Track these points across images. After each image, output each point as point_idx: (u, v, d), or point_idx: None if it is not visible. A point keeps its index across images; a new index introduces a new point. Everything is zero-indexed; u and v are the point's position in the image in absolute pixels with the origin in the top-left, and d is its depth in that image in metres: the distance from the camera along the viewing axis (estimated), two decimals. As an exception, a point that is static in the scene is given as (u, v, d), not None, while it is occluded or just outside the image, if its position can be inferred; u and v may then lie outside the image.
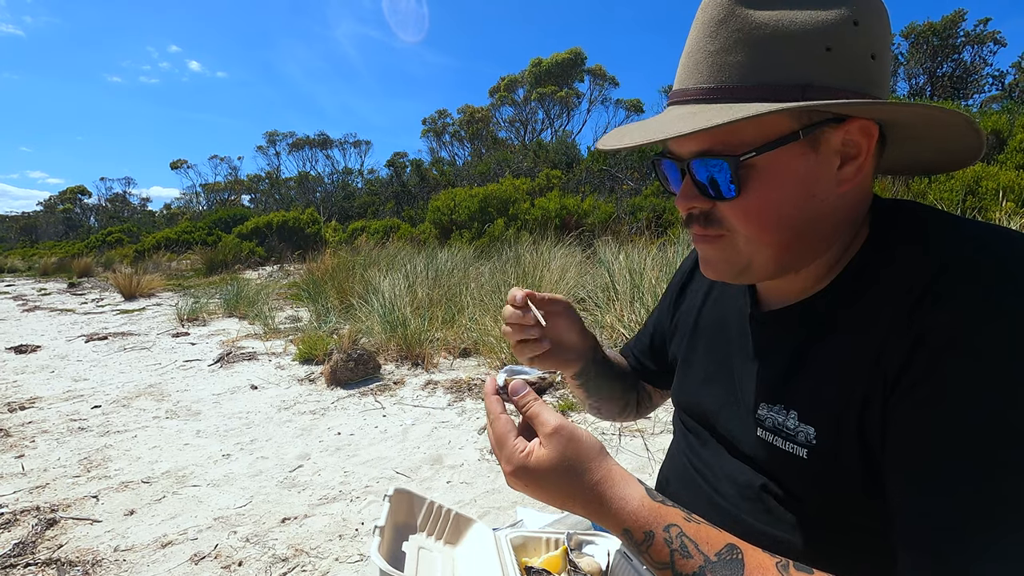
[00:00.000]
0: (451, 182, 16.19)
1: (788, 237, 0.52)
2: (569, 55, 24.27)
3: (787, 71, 0.47)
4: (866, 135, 0.49)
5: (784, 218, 0.51)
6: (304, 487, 2.19)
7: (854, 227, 0.54)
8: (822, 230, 0.52)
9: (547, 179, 12.10)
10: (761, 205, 0.50)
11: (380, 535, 0.62)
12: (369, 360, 3.61)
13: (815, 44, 0.47)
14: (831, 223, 0.52)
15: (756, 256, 0.53)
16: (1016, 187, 5.63)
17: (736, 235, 0.53)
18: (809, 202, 0.50)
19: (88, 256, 17.56)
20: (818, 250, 0.54)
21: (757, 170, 0.49)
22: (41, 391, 3.65)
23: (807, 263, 0.54)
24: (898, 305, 0.46)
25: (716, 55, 0.49)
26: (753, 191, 0.50)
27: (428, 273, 5.44)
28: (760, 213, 0.51)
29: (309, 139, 32.99)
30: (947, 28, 13.72)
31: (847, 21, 0.47)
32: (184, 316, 6.23)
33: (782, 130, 0.48)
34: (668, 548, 0.45)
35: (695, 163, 0.51)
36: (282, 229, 15.20)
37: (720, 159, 0.49)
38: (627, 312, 3.79)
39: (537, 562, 0.70)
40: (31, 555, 1.76)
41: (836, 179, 0.51)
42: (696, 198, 0.53)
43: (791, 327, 0.57)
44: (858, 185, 0.52)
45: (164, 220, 35.03)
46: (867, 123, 0.49)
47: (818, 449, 0.50)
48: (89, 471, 2.39)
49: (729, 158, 0.48)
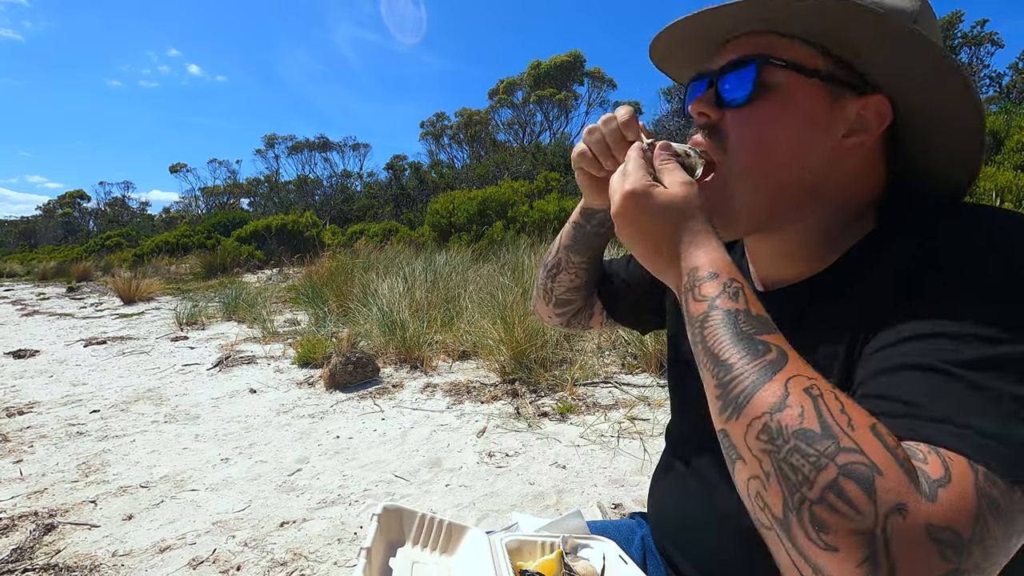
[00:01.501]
0: (450, 185, 16.20)
1: (773, 180, 0.54)
2: (568, 58, 24.31)
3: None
4: (879, 116, 0.52)
5: (777, 150, 0.53)
6: (303, 491, 2.19)
7: (853, 213, 0.55)
8: (803, 188, 0.54)
9: (546, 181, 12.12)
10: (764, 120, 0.53)
11: (367, 557, 0.60)
12: (368, 363, 3.61)
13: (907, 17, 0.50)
14: (814, 185, 0.54)
15: (742, 194, 0.55)
16: (1014, 188, 5.64)
17: (729, 166, 0.55)
18: (805, 150, 0.52)
19: (87, 260, 17.56)
20: (797, 214, 0.55)
21: (776, 88, 0.52)
22: (40, 396, 3.64)
23: (783, 222, 0.56)
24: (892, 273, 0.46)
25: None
26: (764, 104, 0.53)
27: (427, 276, 5.44)
28: (760, 130, 0.53)
29: (308, 142, 33.03)
30: (944, 29, 13.77)
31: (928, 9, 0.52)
32: (183, 320, 6.22)
33: (815, 64, 0.51)
34: (722, 288, 0.45)
35: (725, 72, 0.55)
36: (281, 232, 15.19)
37: (752, 59, 0.52)
38: (626, 314, 3.79)
39: (532, 566, 0.70)
40: (29, 560, 1.75)
41: (837, 146, 0.52)
42: (710, 106, 0.56)
43: (784, 306, 0.57)
44: (855, 165, 0.53)
45: (163, 224, 35.01)
46: (884, 104, 0.51)
47: None
48: (87, 476, 2.38)
49: (760, 57, 0.52)
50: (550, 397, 3.09)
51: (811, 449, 0.35)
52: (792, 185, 0.53)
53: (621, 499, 2.02)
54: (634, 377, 3.35)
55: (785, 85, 0.52)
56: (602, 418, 2.76)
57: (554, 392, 3.16)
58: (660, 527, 0.74)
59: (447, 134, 27.06)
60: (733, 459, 0.40)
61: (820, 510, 0.33)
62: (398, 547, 0.69)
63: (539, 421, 2.78)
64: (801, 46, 0.52)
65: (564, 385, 3.19)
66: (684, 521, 0.67)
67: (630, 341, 3.57)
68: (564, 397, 3.06)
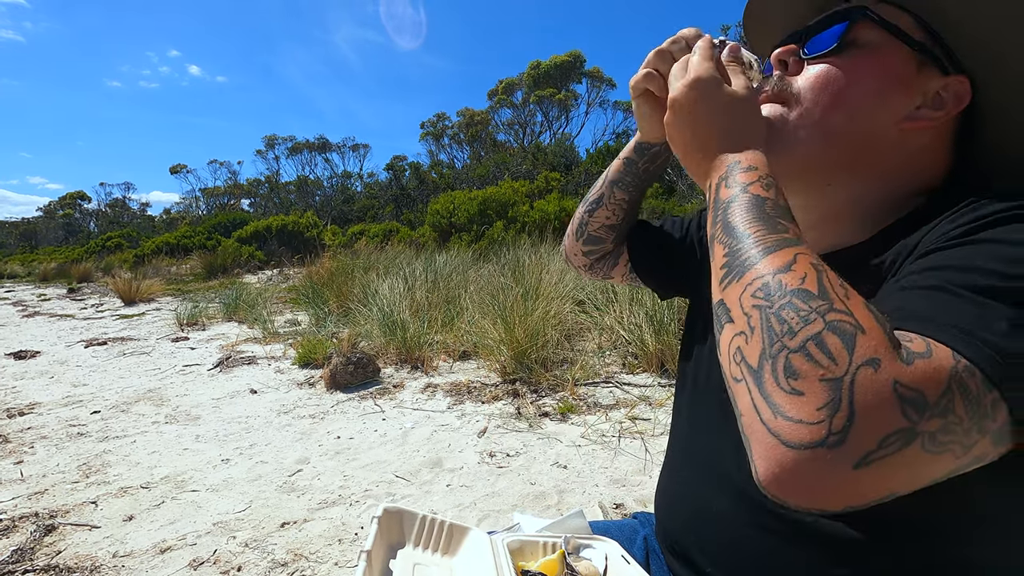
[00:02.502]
0: (450, 185, 16.20)
1: (836, 132, 0.53)
2: (567, 58, 24.32)
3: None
4: (957, 99, 0.51)
5: (848, 105, 0.52)
6: (303, 491, 2.19)
7: (903, 191, 0.54)
8: (862, 146, 0.53)
9: (546, 181, 12.12)
10: (840, 77, 0.52)
11: (367, 560, 0.59)
12: (368, 364, 3.61)
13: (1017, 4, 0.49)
14: (874, 151, 0.53)
15: (800, 137, 0.54)
16: (1014, 187, 5.64)
17: (795, 112, 0.55)
18: (876, 105, 0.52)
19: (88, 261, 17.56)
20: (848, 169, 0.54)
21: (862, 45, 0.52)
22: (40, 397, 3.64)
23: (833, 177, 0.55)
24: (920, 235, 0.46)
25: None
26: (845, 58, 0.53)
27: (427, 276, 5.44)
28: (834, 86, 0.53)
29: (308, 143, 33.04)
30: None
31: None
32: (183, 321, 6.22)
33: (911, 31, 0.51)
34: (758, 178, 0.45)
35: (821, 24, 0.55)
36: (281, 233, 15.19)
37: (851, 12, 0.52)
38: (626, 314, 3.79)
39: (534, 566, 0.69)
40: (29, 561, 1.75)
41: (908, 112, 0.51)
42: (791, 54, 0.57)
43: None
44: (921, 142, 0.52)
45: (164, 225, 35.03)
46: (964, 85, 0.51)
47: None
48: (88, 477, 2.38)
49: (858, 9, 0.52)
50: (551, 397, 3.09)
51: (804, 305, 0.36)
52: (853, 137, 0.53)
53: (623, 499, 2.02)
54: (635, 377, 3.34)
55: (875, 44, 0.52)
56: (603, 418, 2.76)
57: (555, 392, 3.15)
58: (672, 520, 0.72)
59: (447, 134, 27.08)
60: (722, 324, 0.40)
61: (796, 358, 0.34)
62: (398, 549, 0.68)
63: (540, 421, 2.78)
64: (899, 11, 0.52)
65: (565, 385, 3.19)
66: (696, 504, 0.66)
67: (631, 341, 3.57)
68: (565, 397, 3.05)
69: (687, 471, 0.70)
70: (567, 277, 4.71)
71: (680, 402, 0.77)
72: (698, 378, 0.72)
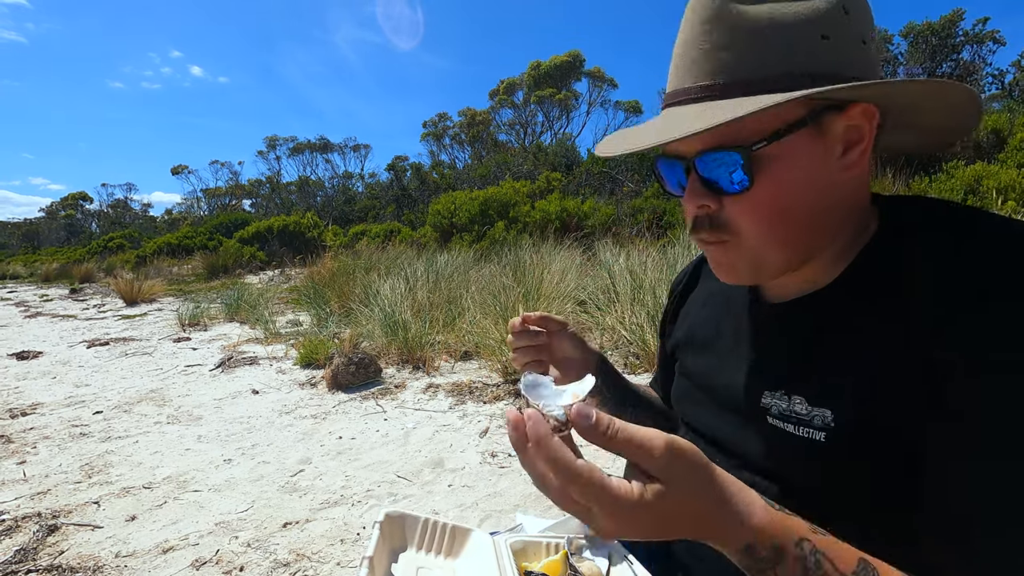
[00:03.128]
0: (451, 185, 16.21)
1: (797, 231, 0.52)
2: (568, 57, 24.31)
3: (789, 61, 0.48)
4: (868, 119, 0.50)
5: (793, 211, 0.51)
6: (305, 492, 2.19)
7: (858, 218, 0.54)
8: (830, 220, 0.52)
9: (547, 181, 12.11)
10: (771, 197, 0.50)
11: (369, 566, 0.59)
12: (370, 364, 3.61)
13: (812, 33, 0.48)
14: (838, 212, 0.53)
15: (768, 254, 0.53)
16: (1017, 186, 5.62)
17: (745, 237, 0.52)
18: (817, 191, 0.51)
19: (90, 262, 17.61)
20: (826, 241, 0.54)
21: (767, 160, 0.49)
22: (43, 397, 3.65)
23: (817, 254, 0.54)
24: (930, 296, 0.45)
25: (714, 51, 0.50)
26: (763, 183, 0.49)
27: (428, 276, 5.44)
28: (770, 207, 0.50)
29: (310, 143, 33.06)
30: (946, 28, 13.73)
31: (838, 8, 0.48)
32: (185, 321, 6.23)
33: (790, 118, 0.48)
34: (802, 566, 0.40)
35: (702, 160, 0.51)
36: (283, 233, 15.21)
37: (731, 151, 0.49)
38: (628, 314, 3.78)
39: (537, 567, 0.69)
40: (32, 561, 1.76)
41: (841, 165, 0.51)
42: (705, 195, 0.52)
43: (800, 317, 0.57)
44: (861, 171, 0.52)
45: (165, 225, 35.08)
46: (868, 107, 0.49)
47: (837, 431, 0.50)
48: (90, 477, 2.38)
49: (741, 149, 0.48)
50: (552, 397, 3.09)
51: None
52: (819, 222, 0.52)
53: (624, 499, 2.01)
54: (637, 378, 3.34)
55: (777, 154, 0.49)
56: (605, 418, 2.76)
57: (556, 392, 3.15)
58: None
59: (449, 134, 27.09)
60: None
61: None
62: (400, 553, 0.68)
63: (542, 421, 2.78)
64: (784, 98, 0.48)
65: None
66: None
67: (632, 341, 3.57)
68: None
69: None
70: (568, 277, 4.71)
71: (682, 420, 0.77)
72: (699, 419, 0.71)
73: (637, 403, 0.88)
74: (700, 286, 0.78)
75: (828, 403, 0.51)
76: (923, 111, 0.53)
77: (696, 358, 0.72)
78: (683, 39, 0.52)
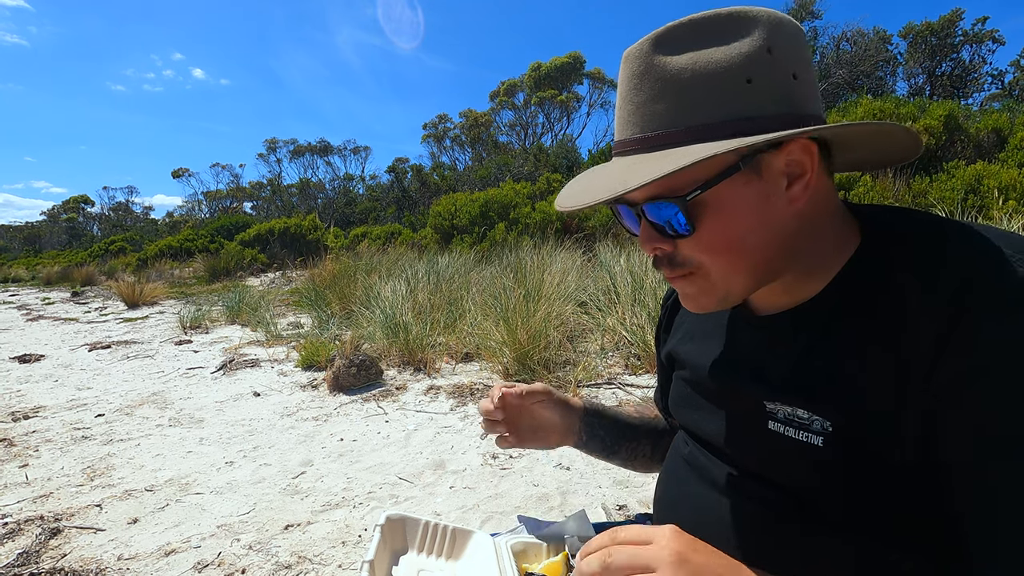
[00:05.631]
0: (452, 187, 16.22)
1: (755, 260, 0.53)
2: (568, 59, 24.33)
3: (715, 109, 0.48)
4: (807, 153, 0.50)
5: (746, 245, 0.52)
6: (307, 494, 2.19)
7: (832, 232, 0.55)
8: (794, 243, 0.53)
9: (548, 183, 12.11)
10: (719, 238, 0.51)
11: (370, 570, 0.59)
12: (371, 366, 3.61)
13: (736, 78, 0.48)
14: (801, 235, 0.53)
15: (731, 283, 0.54)
16: (1018, 185, 5.62)
17: (705, 269, 0.54)
18: (765, 227, 0.51)
19: (91, 265, 17.64)
20: (796, 261, 0.55)
21: (707, 205, 0.50)
22: (45, 400, 3.66)
23: (788, 272, 0.55)
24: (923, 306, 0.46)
25: (644, 105, 0.51)
26: (707, 226, 0.51)
27: (429, 278, 5.45)
28: (721, 245, 0.52)
29: (310, 146, 33.09)
30: (945, 27, 13.73)
31: (761, 50, 0.48)
32: (187, 324, 6.24)
33: (722, 165, 0.49)
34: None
35: (648, 207, 0.52)
36: (284, 236, 15.23)
37: (668, 202, 0.50)
38: (628, 314, 3.78)
39: (538, 568, 0.70)
40: (35, 565, 1.76)
41: (787, 198, 0.51)
42: (656, 239, 0.54)
43: (792, 327, 0.57)
44: (812, 197, 0.53)
45: (167, 228, 35.11)
46: (805, 142, 0.50)
47: (835, 435, 0.51)
48: (92, 480, 2.39)
49: (677, 199, 0.50)
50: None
51: None
52: (779, 251, 0.53)
53: (625, 500, 2.01)
54: (637, 378, 3.34)
55: (715, 199, 0.50)
56: (606, 419, 2.76)
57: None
58: (666, 520, 0.73)
59: (449, 136, 27.11)
60: None
61: None
62: (401, 555, 0.68)
63: (543, 423, 2.78)
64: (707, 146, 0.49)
65: (568, 386, 3.19)
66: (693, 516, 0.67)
67: (633, 342, 3.57)
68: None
69: (684, 472, 0.70)
70: (569, 278, 4.71)
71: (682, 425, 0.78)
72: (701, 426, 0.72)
73: (632, 435, 0.88)
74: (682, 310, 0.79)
75: (824, 408, 0.51)
76: (860, 147, 0.54)
77: (692, 366, 0.72)
78: (620, 92, 0.54)
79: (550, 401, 0.83)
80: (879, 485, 0.49)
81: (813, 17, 14.16)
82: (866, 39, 13.47)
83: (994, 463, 0.42)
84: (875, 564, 0.50)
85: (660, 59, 0.50)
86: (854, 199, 6.05)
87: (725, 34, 0.49)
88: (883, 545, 0.49)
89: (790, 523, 0.55)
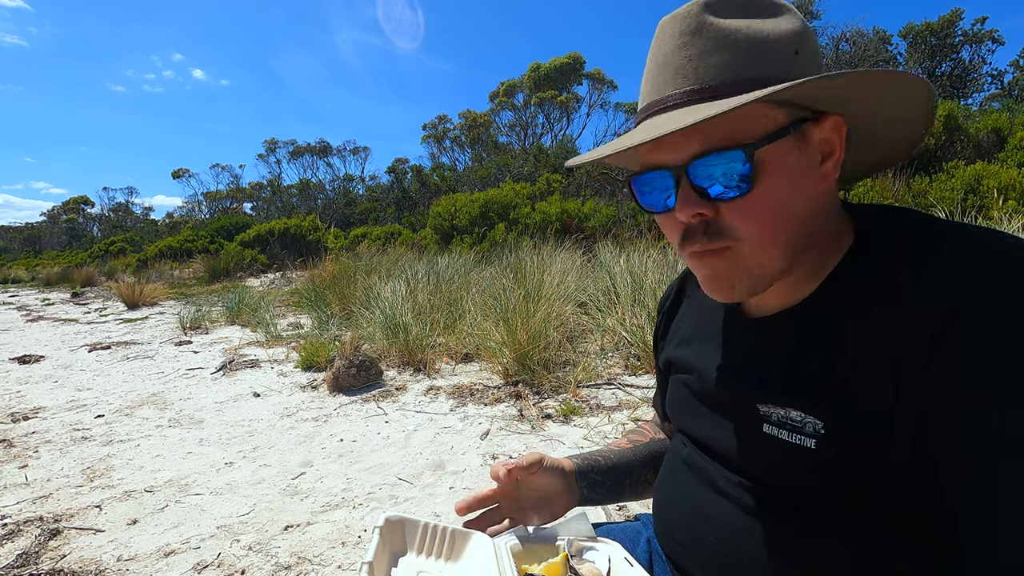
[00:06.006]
0: (452, 187, 16.22)
1: (794, 234, 0.53)
2: (568, 59, 24.33)
3: (771, 68, 0.50)
4: (838, 131, 0.53)
5: (787, 215, 0.52)
6: (307, 494, 2.19)
7: (833, 228, 0.56)
8: (815, 227, 0.54)
9: (547, 183, 12.11)
10: (765, 202, 0.51)
11: (369, 571, 0.58)
12: (371, 366, 3.61)
13: (786, 47, 0.51)
14: (820, 219, 0.54)
15: (765, 260, 0.53)
16: (1018, 185, 5.62)
17: (742, 243, 0.52)
18: (803, 198, 0.52)
19: (91, 266, 17.65)
20: (813, 248, 0.55)
21: (763, 163, 0.50)
22: (45, 401, 3.66)
23: (802, 263, 0.55)
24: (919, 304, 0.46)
25: (698, 58, 0.51)
26: (762, 184, 0.50)
27: (429, 279, 5.44)
28: (767, 210, 0.51)
29: (310, 146, 33.09)
30: (944, 28, 13.73)
31: (804, 28, 0.53)
32: (187, 324, 6.24)
33: (777, 124, 0.50)
34: None
35: (700, 163, 0.50)
36: (284, 236, 15.23)
37: (732, 151, 0.49)
38: (628, 315, 3.78)
39: (537, 569, 0.69)
40: (34, 566, 1.76)
41: (820, 174, 0.53)
42: (699, 203, 0.51)
43: (786, 328, 0.57)
44: (833, 182, 0.54)
45: (167, 229, 35.09)
46: (838, 120, 0.52)
47: (829, 437, 0.51)
48: (92, 481, 2.39)
49: (744, 147, 0.49)
50: (553, 399, 3.08)
51: None
52: (807, 230, 0.54)
53: (626, 501, 2.01)
54: (637, 378, 3.34)
55: (770, 158, 0.50)
56: (606, 420, 2.76)
57: (557, 394, 3.15)
58: (664, 521, 0.73)
59: (449, 136, 27.11)
60: None
61: None
62: (400, 557, 0.68)
63: (542, 423, 2.78)
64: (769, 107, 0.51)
65: (567, 387, 3.18)
66: (691, 518, 0.67)
67: (633, 343, 3.57)
68: (567, 399, 3.05)
69: (682, 474, 0.70)
70: (569, 279, 4.71)
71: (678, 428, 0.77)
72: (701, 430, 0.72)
73: (630, 471, 0.87)
74: (686, 302, 0.79)
75: (818, 410, 0.51)
76: (880, 119, 0.55)
77: (688, 370, 0.72)
78: (662, 52, 0.53)
79: (544, 469, 0.80)
80: (874, 485, 0.49)
81: (812, 17, 14.16)
82: (866, 39, 13.47)
83: (990, 461, 0.42)
84: (870, 564, 0.50)
85: (714, 19, 0.51)
86: (854, 199, 6.05)
87: (768, 11, 0.53)
88: (878, 545, 0.49)
89: (785, 524, 0.55)
